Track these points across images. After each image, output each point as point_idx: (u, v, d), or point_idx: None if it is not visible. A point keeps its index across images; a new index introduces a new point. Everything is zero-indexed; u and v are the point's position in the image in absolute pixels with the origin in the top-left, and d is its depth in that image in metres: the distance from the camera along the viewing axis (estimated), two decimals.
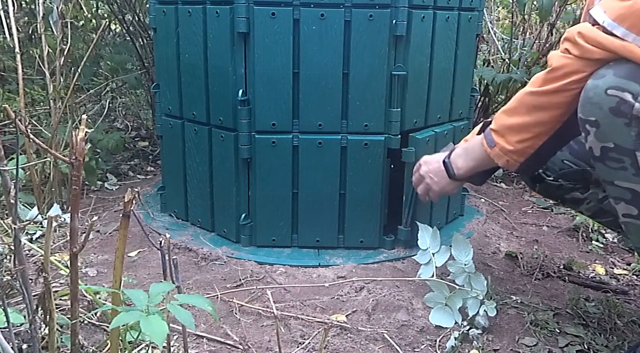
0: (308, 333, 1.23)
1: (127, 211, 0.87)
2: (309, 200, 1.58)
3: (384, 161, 1.56)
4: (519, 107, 1.11)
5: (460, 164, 1.29)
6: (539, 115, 1.08)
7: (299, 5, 1.44)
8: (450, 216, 1.84)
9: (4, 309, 0.85)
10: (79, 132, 0.78)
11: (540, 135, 1.11)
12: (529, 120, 1.10)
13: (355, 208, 1.59)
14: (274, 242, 1.62)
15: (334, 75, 1.50)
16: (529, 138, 1.11)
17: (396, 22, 1.47)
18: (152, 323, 0.76)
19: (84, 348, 1.10)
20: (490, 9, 3.19)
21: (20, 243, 0.82)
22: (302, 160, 1.55)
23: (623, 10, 0.93)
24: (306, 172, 1.56)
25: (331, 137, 1.54)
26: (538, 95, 1.07)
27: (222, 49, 1.51)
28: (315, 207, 1.59)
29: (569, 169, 1.32)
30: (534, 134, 1.11)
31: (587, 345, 1.22)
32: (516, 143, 1.12)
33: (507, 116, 1.13)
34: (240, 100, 1.51)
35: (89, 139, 2.15)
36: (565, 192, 1.36)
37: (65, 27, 1.90)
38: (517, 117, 1.11)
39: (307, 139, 1.54)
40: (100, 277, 1.48)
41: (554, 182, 1.35)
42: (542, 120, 1.08)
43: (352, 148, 1.55)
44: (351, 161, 1.55)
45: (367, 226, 1.61)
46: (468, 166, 1.27)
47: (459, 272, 1.29)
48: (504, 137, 1.14)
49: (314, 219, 1.60)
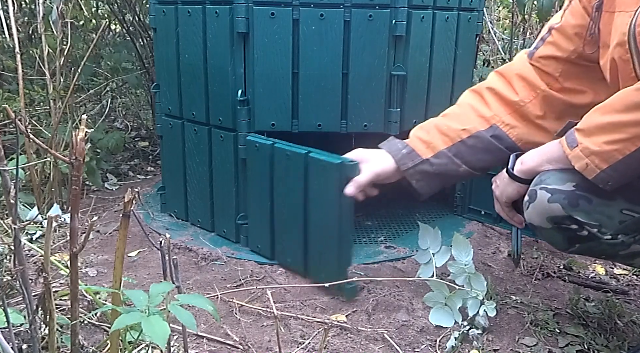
0: (308, 333, 1.23)
1: (127, 211, 0.87)
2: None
3: None
4: (617, 104, 0.95)
5: (525, 159, 1.11)
6: (639, 114, 0.91)
7: (298, 5, 1.44)
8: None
9: (4, 309, 0.85)
10: (79, 132, 0.78)
11: (635, 139, 0.92)
12: (625, 118, 0.92)
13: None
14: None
15: (334, 75, 1.50)
16: (620, 140, 0.93)
17: (396, 22, 1.47)
18: (154, 324, 0.76)
19: (84, 348, 1.10)
20: (491, 9, 3.19)
21: (20, 243, 0.82)
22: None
23: None
24: None
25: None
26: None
27: (222, 49, 1.51)
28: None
29: (630, 219, 1.04)
30: (627, 136, 0.92)
31: (587, 345, 1.22)
32: (604, 144, 0.94)
33: (599, 114, 0.97)
34: (240, 100, 1.51)
35: (89, 139, 2.15)
36: (623, 248, 1.08)
37: (65, 27, 1.90)
38: (612, 114, 0.94)
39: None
40: (100, 277, 1.48)
41: (614, 240, 1.05)
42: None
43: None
44: None
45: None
46: (533, 163, 1.09)
47: (459, 272, 1.28)
48: (590, 136, 0.96)
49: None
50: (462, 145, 1.26)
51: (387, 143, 1.34)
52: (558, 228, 1.05)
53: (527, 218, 1.09)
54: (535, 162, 1.09)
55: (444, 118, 1.31)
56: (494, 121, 1.25)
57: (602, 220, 1.03)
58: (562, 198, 1.01)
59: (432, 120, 1.32)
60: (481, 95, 1.29)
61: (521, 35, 2.87)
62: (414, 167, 1.28)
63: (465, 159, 1.27)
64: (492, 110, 1.26)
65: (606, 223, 1.03)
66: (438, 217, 1.88)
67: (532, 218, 1.07)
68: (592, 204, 1.01)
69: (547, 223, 1.05)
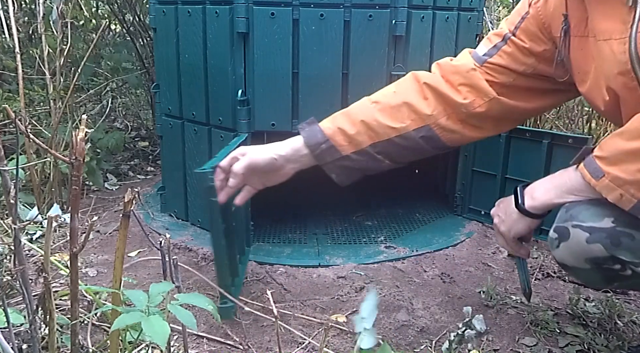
0: (308, 333, 1.23)
1: (127, 211, 0.87)
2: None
3: None
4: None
5: (536, 194, 1.04)
6: None
7: (298, 6, 1.44)
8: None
9: (4, 309, 0.85)
10: (79, 132, 0.78)
11: None
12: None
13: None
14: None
15: (334, 75, 1.50)
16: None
17: (395, 22, 1.48)
18: (154, 323, 0.76)
19: (84, 348, 1.10)
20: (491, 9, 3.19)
21: (20, 243, 0.82)
22: None
23: None
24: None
25: None
26: None
27: (222, 49, 1.51)
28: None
29: None
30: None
31: (587, 345, 1.22)
32: (637, 172, 0.87)
33: (624, 140, 0.89)
34: (240, 100, 1.51)
35: (89, 139, 2.15)
36: None
37: (65, 27, 1.90)
38: (639, 140, 0.87)
39: None
40: (100, 277, 1.48)
41: None
42: None
43: None
44: None
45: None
46: (548, 196, 1.02)
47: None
48: (619, 164, 0.89)
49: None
50: (389, 144, 1.19)
51: (308, 132, 1.20)
52: (598, 268, 0.96)
53: (558, 258, 1.01)
54: (551, 194, 1.01)
55: (375, 109, 1.19)
56: (429, 122, 1.18)
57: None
58: (604, 238, 0.93)
59: (360, 109, 1.21)
60: (422, 90, 1.20)
61: None
62: (333, 162, 1.20)
63: (390, 156, 1.21)
64: (430, 110, 1.18)
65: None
66: (438, 217, 1.88)
67: (565, 259, 0.99)
68: (635, 240, 0.92)
69: (584, 264, 0.97)
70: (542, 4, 1.14)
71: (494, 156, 1.71)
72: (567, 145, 1.55)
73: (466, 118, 1.20)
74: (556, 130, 2.38)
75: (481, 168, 1.77)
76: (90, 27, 2.90)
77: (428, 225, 1.82)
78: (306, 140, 1.19)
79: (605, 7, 0.97)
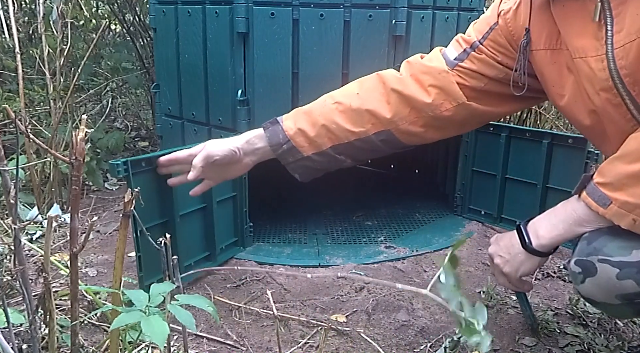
0: (308, 333, 1.23)
1: (127, 211, 0.87)
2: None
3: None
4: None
5: (542, 232, 0.99)
6: None
7: (298, 6, 1.44)
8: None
9: (4, 309, 0.85)
10: (79, 132, 0.78)
11: None
12: None
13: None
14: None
15: (334, 75, 1.50)
16: None
17: (395, 22, 1.47)
18: (153, 324, 0.76)
19: (84, 348, 1.10)
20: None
21: (20, 243, 0.82)
22: None
23: None
24: None
25: None
26: None
27: (222, 49, 1.51)
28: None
29: None
30: None
31: (587, 345, 1.22)
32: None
33: (625, 163, 0.87)
34: (240, 100, 1.51)
35: (89, 139, 2.15)
36: None
37: (65, 27, 1.90)
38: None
39: None
40: (100, 277, 1.48)
41: None
42: None
43: None
44: None
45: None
46: (556, 232, 0.98)
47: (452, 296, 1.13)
48: (624, 189, 0.86)
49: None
50: (349, 146, 1.20)
51: (270, 132, 1.22)
52: (629, 303, 0.91)
53: (584, 293, 0.95)
54: (559, 230, 0.97)
55: (337, 110, 1.19)
56: (390, 127, 1.18)
57: None
58: (635, 273, 0.88)
59: (322, 110, 1.21)
60: (387, 94, 1.19)
61: None
62: (295, 162, 1.22)
63: (351, 156, 1.23)
64: (391, 114, 1.17)
65: None
66: (438, 217, 1.88)
67: (594, 294, 0.94)
68: None
69: (615, 300, 0.92)
70: (512, 16, 1.11)
71: (494, 156, 1.71)
72: (567, 145, 1.55)
73: (430, 121, 1.19)
74: (556, 130, 2.38)
75: (481, 168, 1.77)
76: (90, 27, 2.91)
77: (428, 225, 1.82)
78: (269, 139, 1.21)
79: (574, 25, 0.96)
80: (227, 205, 1.52)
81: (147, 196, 1.27)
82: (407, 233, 1.74)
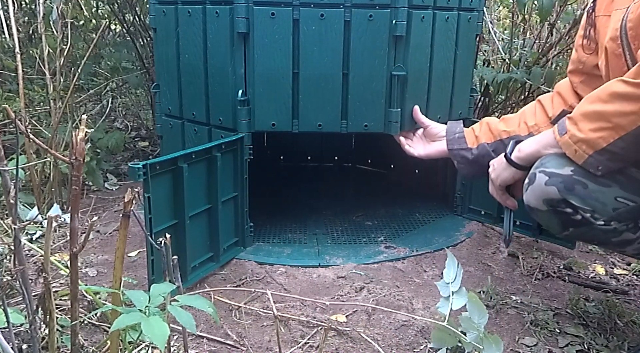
0: (308, 333, 1.23)
1: (127, 211, 0.87)
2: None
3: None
4: (602, 94, 1.00)
5: (522, 147, 1.17)
6: (622, 104, 0.96)
7: (298, 6, 1.44)
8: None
9: (4, 309, 0.85)
10: (79, 132, 0.78)
11: (618, 128, 0.97)
12: (609, 108, 0.98)
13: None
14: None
15: (334, 76, 1.50)
16: (605, 128, 0.98)
17: (396, 23, 1.47)
18: (153, 324, 0.76)
19: (84, 348, 1.10)
20: (491, 9, 3.19)
21: (20, 243, 0.82)
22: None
23: None
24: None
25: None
26: (627, 85, 0.96)
27: (222, 49, 1.51)
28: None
29: (624, 207, 1.07)
30: (611, 125, 0.97)
31: (587, 345, 1.22)
32: (589, 131, 1.00)
33: (587, 103, 1.03)
34: (240, 101, 1.51)
35: (89, 139, 2.15)
36: (615, 235, 1.11)
37: (65, 27, 1.90)
38: (597, 103, 1.00)
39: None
40: (100, 277, 1.48)
41: (606, 226, 1.08)
42: (623, 111, 0.96)
43: None
44: None
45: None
46: (529, 150, 1.15)
47: (470, 328, 1.15)
48: (577, 124, 1.02)
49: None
50: (501, 144, 1.36)
51: (453, 122, 1.51)
52: (554, 211, 1.09)
53: (526, 200, 1.13)
54: (531, 149, 1.14)
55: (499, 120, 1.43)
56: (532, 130, 1.34)
57: (596, 206, 1.06)
58: (559, 182, 1.05)
59: (490, 119, 1.45)
60: (534, 105, 1.40)
61: (521, 35, 2.87)
62: (457, 150, 1.44)
63: (500, 153, 1.32)
64: (535, 120, 1.35)
65: (600, 209, 1.06)
66: (438, 217, 1.88)
67: (530, 201, 1.11)
68: (588, 190, 1.05)
69: (543, 205, 1.09)
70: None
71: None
72: None
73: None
74: None
75: None
76: (90, 27, 2.90)
77: (428, 225, 1.82)
78: (448, 127, 1.49)
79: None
80: (229, 205, 1.52)
81: (162, 198, 1.29)
82: (407, 233, 1.74)
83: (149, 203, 1.24)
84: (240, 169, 1.52)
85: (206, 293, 1.38)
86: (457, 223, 1.82)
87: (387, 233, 1.74)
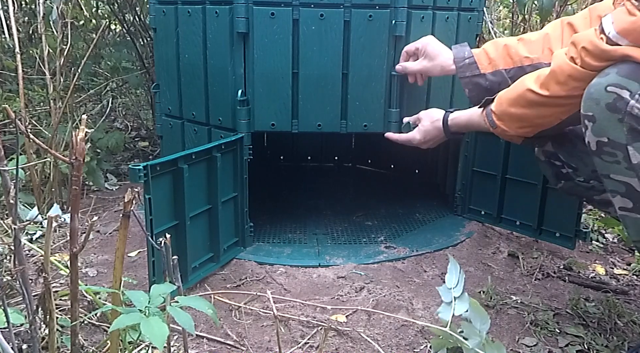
0: (308, 333, 1.23)
1: (127, 211, 0.87)
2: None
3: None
4: (521, 100, 1.14)
5: (458, 119, 1.36)
6: (540, 110, 1.12)
7: (298, 6, 1.44)
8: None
9: (4, 309, 0.85)
10: (79, 132, 0.78)
11: (540, 126, 1.16)
12: (530, 113, 1.13)
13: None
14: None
15: (334, 76, 1.50)
16: (530, 126, 1.16)
17: (395, 23, 1.47)
18: (152, 325, 0.76)
19: (84, 348, 1.10)
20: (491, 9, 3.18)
21: (20, 243, 0.82)
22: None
23: (628, 25, 0.95)
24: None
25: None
26: (539, 96, 1.09)
27: (222, 49, 1.51)
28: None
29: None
30: (535, 125, 1.16)
31: (587, 345, 1.22)
32: (517, 129, 1.18)
33: (508, 105, 1.17)
34: (240, 101, 1.51)
35: (89, 139, 2.15)
36: (596, 193, 1.27)
37: (65, 27, 1.90)
38: (518, 108, 1.15)
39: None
40: (100, 277, 1.48)
41: (585, 184, 1.27)
42: (543, 114, 1.12)
43: None
44: None
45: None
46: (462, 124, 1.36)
47: (472, 334, 1.13)
48: (505, 122, 1.19)
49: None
50: (520, 71, 1.30)
51: (457, 49, 1.41)
52: (548, 162, 1.31)
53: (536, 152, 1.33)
54: (463, 124, 1.36)
55: (518, 41, 1.34)
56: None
57: (579, 164, 1.24)
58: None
59: (507, 40, 1.37)
60: (561, 28, 1.30)
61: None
62: (470, 78, 1.37)
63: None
64: (563, 46, 1.24)
65: (582, 168, 1.24)
66: (438, 217, 1.88)
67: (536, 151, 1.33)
68: (576, 149, 1.22)
69: (541, 155, 1.32)
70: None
71: (494, 156, 1.71)
72: None
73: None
74: None
75: (481, 168, 1.77)
76: (90, 27, 2.90)
77: (428, 225, 1.82)
78: (455, 53, 1.40)
79: None
80: (229, 205, 1.52)
81: (162, 199, 1.29)
82: (407, 233, 1.74)
83: (149, 205, 1.24)
84: (240, 169, 1.52)
85: (206, 293, 1.38)
86: (457, 223, 1.82)
87: (387, 233, 1.74)
